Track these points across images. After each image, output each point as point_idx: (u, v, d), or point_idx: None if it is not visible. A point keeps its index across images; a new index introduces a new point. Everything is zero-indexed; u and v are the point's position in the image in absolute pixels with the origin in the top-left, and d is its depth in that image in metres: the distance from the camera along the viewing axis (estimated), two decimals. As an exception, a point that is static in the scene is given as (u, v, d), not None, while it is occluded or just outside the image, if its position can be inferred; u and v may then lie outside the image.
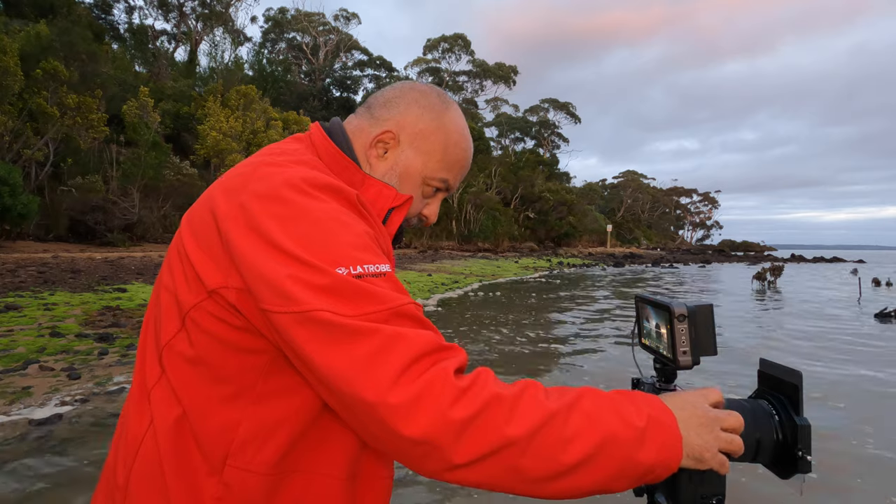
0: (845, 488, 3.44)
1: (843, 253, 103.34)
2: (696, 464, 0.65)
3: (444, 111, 0.86)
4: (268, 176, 0.69)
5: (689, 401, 0.68)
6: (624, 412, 0.62)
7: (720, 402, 0.70)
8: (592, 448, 0.59)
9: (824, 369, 6.74)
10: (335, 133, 0.85)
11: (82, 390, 4.80)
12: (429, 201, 0.89)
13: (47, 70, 18.92)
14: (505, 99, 63.62)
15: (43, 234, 19.46)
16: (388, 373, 0.56)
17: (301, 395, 0.69)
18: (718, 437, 0.66)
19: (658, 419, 0.63)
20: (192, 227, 0.73)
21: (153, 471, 0.68)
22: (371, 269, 0.64)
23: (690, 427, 0.65)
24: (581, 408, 0.61)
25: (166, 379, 0.71)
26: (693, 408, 0.67)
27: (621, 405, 0.63)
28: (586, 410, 0.61)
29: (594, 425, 0.60)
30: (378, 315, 0.60)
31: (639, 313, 0.87)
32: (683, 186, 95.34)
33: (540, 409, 0.59)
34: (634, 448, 0.60)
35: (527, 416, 0.58)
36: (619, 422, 0.61)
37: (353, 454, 0.72)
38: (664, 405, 0.66)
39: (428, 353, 0.59)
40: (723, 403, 0.71)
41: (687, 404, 0.67)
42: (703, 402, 0.68)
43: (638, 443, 0.61)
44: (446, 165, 0.86)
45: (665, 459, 0.62)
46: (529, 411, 0.59)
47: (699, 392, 0.71)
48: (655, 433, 0.62)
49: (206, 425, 0.68)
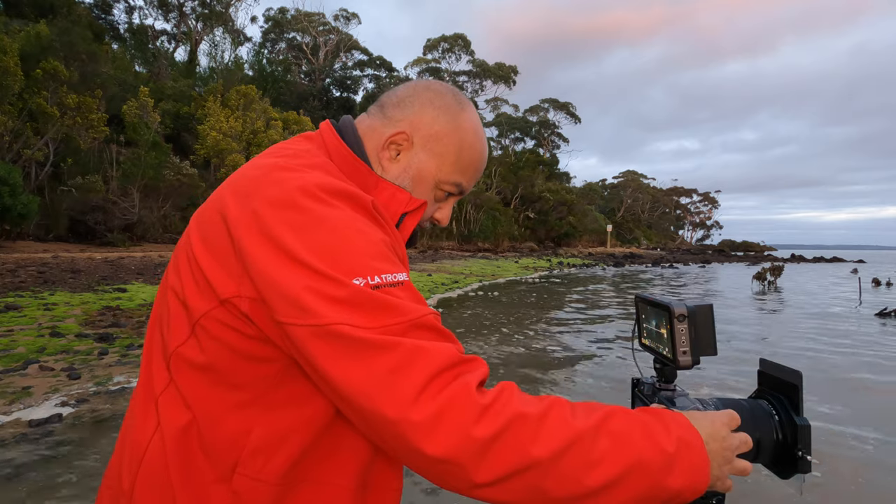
0: (846, 488, 3.43)
1: (843, 253, 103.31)
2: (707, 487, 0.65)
3: (460, 112, 0.83)
4: (281, 181, 0.67)
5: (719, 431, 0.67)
6: (654, 435, 0.61)
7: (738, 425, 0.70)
8: (619, 472, 0.58)
9: (824, 369, 6.73)
10: (347, 133, 0.82)
11: (82, 390, 4.80)
12: (441, 205, 0.87)
13: (47, 70, 18.92)
14: (505, 99, 63.59)
15: (43, 234, 19.46)
16: (409, 389, 0.55)
17: (313, 405, 0.68)
18: (734, 467, 0.67)
19: (689, 442, 0.62)
20: (201, 230, 0.71)
21: (159, 477, 0.67)
22: (388, 279, 0.62)
23: (716, 460, 0.64)
24: (609, 429, 0.60)
25: (175, 385, 0.69)
26: (723, 441, 0.66)
27: (651, 427, 0.62)
28: (615, 432, 0.60)
29: (622, 448, 0.59)
30: (397, 327, 0.59)
31: (639, 313, 0.87)
32: (683, 186, 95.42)
33: (566, 430, 0.58)
34: (663, 473, 0.59)
35: (552, 437, 0.57)
36: (648, 445, 0.60)
37: (364, 464, 0.71)
38: (692, 426, 0.65)
39: (449, 367, 0.58)
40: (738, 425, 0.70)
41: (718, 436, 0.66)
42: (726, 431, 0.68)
43: (667, 468, 0.60)
44: (460, 168, 0.83)
45: (693, 484, 0.61)
46: (555, 431, 0.57)
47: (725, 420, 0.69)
48: (685, 457, 0.61)
49: (217, 433, 0.67)
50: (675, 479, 0.60)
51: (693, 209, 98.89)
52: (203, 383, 0.68)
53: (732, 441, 0.67)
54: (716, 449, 0.65)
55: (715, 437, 0.66)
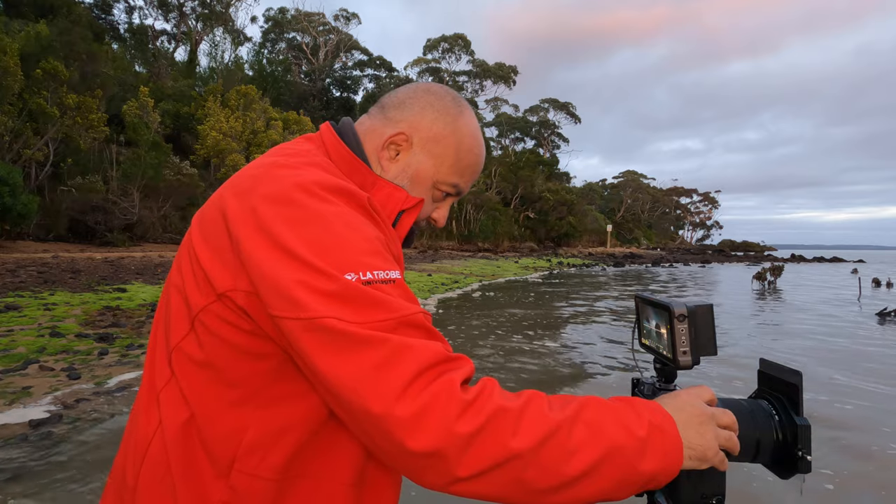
0: (847, 488, 3.43)
1: (843, 253, 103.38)
2: (699, 463, 0.65)
3: (459, 115, 0.85)
4: (280, 178, 0.69)
5: (686, 401, 0.68)
6: (626, 421, 0.62)
7: (713, 400, 0.71)
8: (596, 459, 0.59)
9: (824, 369, 6.73)
10: (346, 134, 0.84)
11: (82, 390, 4.80)
12: (438, 205, 0.89)
13: (47, 70, 18.94)
14: (505, 99, 63.69)
15: (43, 234, 19.47)
16: (394, 384, 0.56)
17: (309, 401, 0.68)
18: (718, 435, 0.67)
19: (659, 426, 0.63)
20: (202, 228, 0.72)
21: (161, 473, 0.68)
22: (380, 276, 0.63)
23: (691, 427, 0.65)
24: (584, 418, 0.61)
25: (175, 381, 0.70)
26: (691, 407, 0.67)
27: (623, 414, 0.63)
28: (589, 421, 0.61)
29: (597, 436, 0.60)
30: (386, 324, 0.59)
31: (639, 313, 0.87)
32: (683, 186, 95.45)
33: (544, 422, 0.59)
34: (637, 458, 0.61)
35: (532, 429, 0.58)
36: (621, 432, 0.61)
37: (361, 460, 0.72)
38: (664, 410, 0.66)
39: (434, 364, 0.58)
40: (715, 402, 0.71)
41: (686, 405, 0.68)
42: (699, 401, 0.69)
43: (640, 452, 0.61)
44: (458, 170, 0.85)
45: (667, 466, 0.62)
46: (534, 424, 0.59)
47: (693, 391, 0.71)
48: (657, 441, 0.62)
49: (214, 429, 0.68)
50: (649, 463, 0.61)
51: (693, 209, 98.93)
52: (201, 380, 0.69)
53: (704, 409, 0.67)
54: (685, 418, 0.66)
55: (682, 407, 0.67)
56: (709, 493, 0.70)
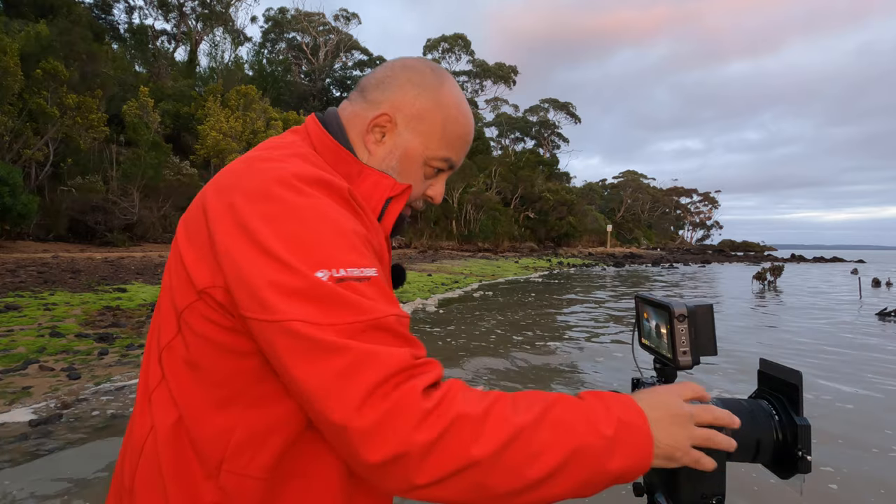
0: (847, 488, 3.43)
1: (843, 253, 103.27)
2: (667, 462, 0.64)
3: (440, 87, 0.83)
4: (260, 172, 0.68)
5: (662, 399, 0.67)
6: (594, 419, 0.61)
7: (700, 396, 0.69)
8: (560, 461, 0.58)
9: (825, 369, 6.73)
10: (330, 123, 0.83)
11: (82, 390, 4.80)
12: (432, 181, 0.87)
13: (47, 70, 18.94)
14: (505, 99, 63.71)
15: (43, 234, 19.46)
16: (355, 394, 0.55)
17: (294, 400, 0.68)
18: (692, 435, 0.65)
19: (629, 423, 0.62)
20: (186, 227, 0.72)
21: (154, 474, 0.68)
22: (354, 273, 0.62)
23: (661, 427, 0.64)
24: (550, 419, 0.60)
25: (165, 382, 0.70)
26: (666, 406, 0.66)
27: (592, 412, 0.62)
28: (555, 421, 0.60)
29: (562, 437, 0.59)
30: (354, 327, 0.58)
31: (639, 313, 0.87)
32: (683, 186, 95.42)
33: (506, 427, 0.58)
34: (604, 457, 0.60)
35: (493, 434, 0.57)
36: (588, 430, 0.60)
37: None
38: (637, 406, 0.64)
39: (398, 371, 0.57)
40: (705, 398, 0.70)
41: (661, 403, 0.66)
42: (677, 399, 0.67)
43: (607, 452, 0.60)
44: (447, 143, 0.83)
45: (634, 465, 0.61)
46: (496, 428, 0.57)
47: (674, 388, 0.70)
48: (625, 439, 0.61)
49: (202, 430, 0.67)
50: (616, 462, 0.60)
51: (693, 209, 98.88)
52: (188, 380, 0.69)
53: (681, 407, 0.66)
54: (657, 416, 0.64)
55: (656, 405, 0.65)
56: (709, 493, 0.70)
